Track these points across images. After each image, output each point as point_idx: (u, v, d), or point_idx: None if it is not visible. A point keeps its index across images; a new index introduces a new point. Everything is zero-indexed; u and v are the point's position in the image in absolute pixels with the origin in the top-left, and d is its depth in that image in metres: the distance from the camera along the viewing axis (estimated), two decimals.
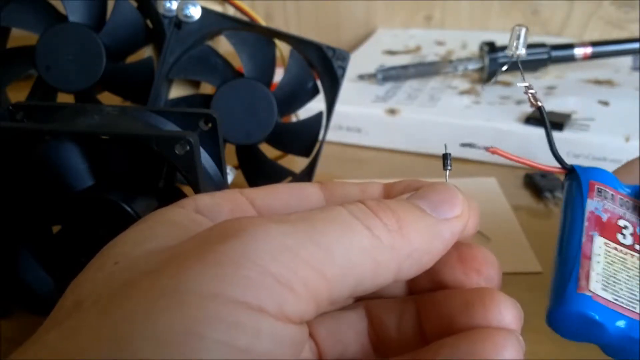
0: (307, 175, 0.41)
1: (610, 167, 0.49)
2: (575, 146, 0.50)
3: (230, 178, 0.38)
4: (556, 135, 0.50)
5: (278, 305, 0.16)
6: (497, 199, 0.46)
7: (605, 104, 0.56)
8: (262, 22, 0.41)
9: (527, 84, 0.24)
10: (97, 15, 0.38)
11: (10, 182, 0.30)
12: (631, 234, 0.23)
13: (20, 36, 0.40)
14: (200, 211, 0.21)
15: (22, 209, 0.30)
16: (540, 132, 0.51)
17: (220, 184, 0.31)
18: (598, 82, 0.61)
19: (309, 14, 0.85)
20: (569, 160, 0.50)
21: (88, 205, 0.29)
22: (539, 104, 0.24)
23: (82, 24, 0.37)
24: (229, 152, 0.37)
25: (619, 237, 0.23)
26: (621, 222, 0.23)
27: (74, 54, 0.37)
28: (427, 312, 0.21)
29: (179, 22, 0.38)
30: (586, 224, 0.23)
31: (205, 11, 0.38)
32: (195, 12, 0.38)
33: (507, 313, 0.19)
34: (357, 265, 0.18)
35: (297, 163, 0.45)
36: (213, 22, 0.39)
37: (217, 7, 0.41)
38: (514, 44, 0.24)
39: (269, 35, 0.40)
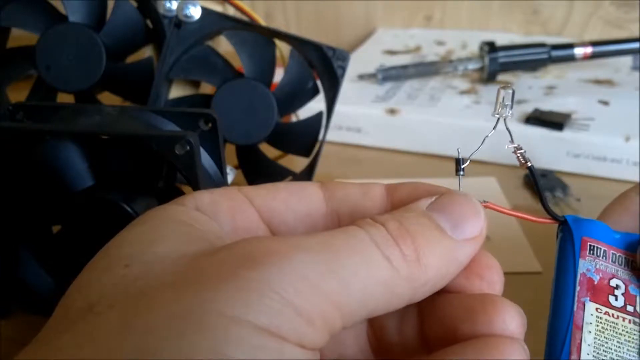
0: (307, 175, 0.41)
1: (610, 167, 0.49)
2: (575, 146, 0.50)
3: (230, 178, 0.38)
4: (556, 135, 0.51)
5: (298, 337, 0.16)
6: (497, 198, 0.46)
7: (605, 103, 0.56)
8: (262, 22, 0.41)
9: (516, 145, 0.24)
10: (97, 15, 0.38)
11: (10, 182, 0.30)
12: (623, 294, 0.23)
13: (20, 36, 0.40)
14: (200, 209, 0.21)
15: (22, 209, 0.30)
16: (540, 132, 0.51)
17: (220, 184, 0.31)
18: (598, 82, 0.61)
19: (309, 14, 0.85)
20: (569, 160, 0.51)
21: (88, 205, 0.29)
22: (529, 164, 0.24)
23: (82, 24, 0.37)
24: (229, 152, 0.37)
25: (611, 299, 0.23)
26: (613, 282, 0.23)
27: (74, 54, 0.37)
28: (429, 316, 0.21)
29: (179, 22, 0.38)
30: (578, 288, 0.22)
31: (205, 11, 0.38)
32: (195, 12, 0.38)
33: (510, 321, 0.19)
34: (374, 298, 0.18)
35: (297, 163, 0.45)
36: (213, 22, 0.39)
37: (217, 7, 0.41)
38: (500, 107, 0.24)
39: (269, 35, 0.40)
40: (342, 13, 0.85)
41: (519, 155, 0.24)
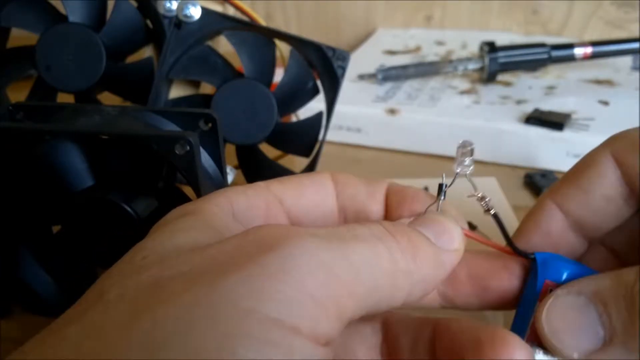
0: None
1: None
2: (575, 146, 0.50)
3: (230, 178, 0.38)
4: (556, 135, 0.51)
5: (311, 325, 0.16)
6: (497, 199, 0.46)
7: (605, 104, 0.56)
8: (262, 22, 0.41)
9: (479, 194, 0.24)
10: (97, 15, 0.38)
11: (10, 182, 0.30)
12: None
13: (20, 36, 0.40)
14: (237, 216, 0.21)
15: (22, 209, 0.30)
16: (540, 132, 0.51)
17: (220, 184, 0.31)
18: (598, 82, 0.61)
19: (309, 14, 0.85)
20: (569, 160, 0.51)
21: (88, 205, 0.29)
22: (492, 211, 0.24)
23: (82, 24, 0.37)
24: (229, 152, 0.37)
25: None
26: None
27: (74, 54, 0.37)
28: (441, 339, 0.21)
29: (179, 22, 0.38)
30: (528, 332, 0.22)
31: (205, 11, 0.38)
32: (195, 12, 0.38)
33: (518, 356, 0.19)
34: (379, 287, 0.18)
35: (297, 163, 0.45)
36: (213, 22, 0.39)
37: (217, 7, 0.41)
38: (460, 160, 0.23)
39: (269, 35, 0.40)
40: (342, 13, 0.85)
41: (483, 204, 0.24)
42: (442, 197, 0.23)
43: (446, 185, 0.23)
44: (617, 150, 0.25)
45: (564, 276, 0.23)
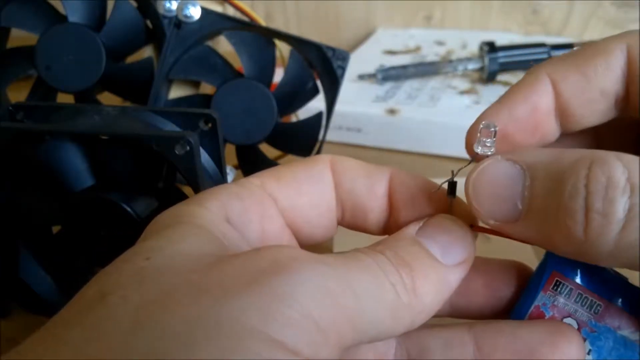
0: None
1: None
2: None
3: (230, 178, 0.38)
4: None
5: (312, 350, 0.16)
6: None
7: None
8: (262, 22, 0.41)
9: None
10: (97, 15, 0.38)
11: (10, 182, 0.30)
12: None
13: (20, 36, 0.40)
14: (231, 221, 0.21)
15: (22, 209, 0.30)
16: None
17: (219, 184, 0.31)
18: None
19: (309, 14, 0.85)
20: None
21: (88, 205, 0.29)
22: None
23: (82, 24, 0.37)
24: (229, 152, 0.37)
25: None
26: (566, 321, 0.23)
27: (74, 54, 0.37)
28: (490, 344, 0.21)
29: (179, 22, 0.38)
30: (526, 319, 0.22)
31: (205, 11, 0.38)
32: (195, 12, 0.38)
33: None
34: (380, 320, 0.18)
35: None
36: (213, 22, 0.39)
37: (217, 7, 0.41)
38: (482, 141, 0.22)
39: (269, 35, 0.40)
40: (342, 13, 0.85)
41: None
42: (453, 196, 0.23)
43: (457, 182, 0.23)
44: (633, 46, 0.22)
45: (573, 272, 0.23)
